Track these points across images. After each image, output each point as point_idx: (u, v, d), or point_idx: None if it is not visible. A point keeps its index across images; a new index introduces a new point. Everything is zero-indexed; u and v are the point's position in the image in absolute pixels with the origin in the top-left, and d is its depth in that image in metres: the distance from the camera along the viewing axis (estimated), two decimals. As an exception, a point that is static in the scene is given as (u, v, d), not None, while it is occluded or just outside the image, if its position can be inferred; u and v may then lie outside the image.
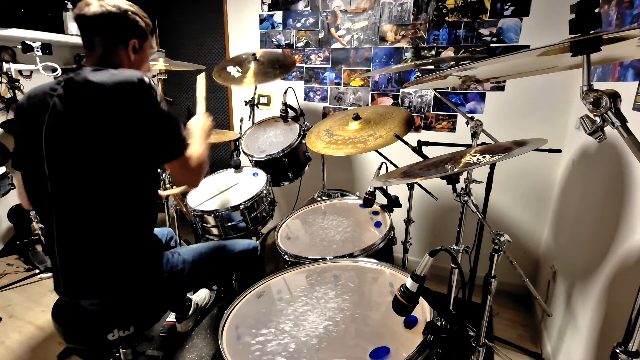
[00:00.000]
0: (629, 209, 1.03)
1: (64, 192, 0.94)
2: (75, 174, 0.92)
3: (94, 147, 0.90)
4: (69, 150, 0.91)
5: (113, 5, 0.97)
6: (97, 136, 0.89)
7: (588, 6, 0.58)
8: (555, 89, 1.85)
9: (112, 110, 0.89)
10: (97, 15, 0.95)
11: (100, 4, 0.95)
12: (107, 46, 0.99)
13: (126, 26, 1.00)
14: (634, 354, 0.62)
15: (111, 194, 0.94)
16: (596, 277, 1.16)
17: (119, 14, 0.97)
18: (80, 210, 0.95)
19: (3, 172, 2.14)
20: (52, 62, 2.13)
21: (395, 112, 1.59)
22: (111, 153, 0.91)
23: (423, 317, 0.87)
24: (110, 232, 0.97)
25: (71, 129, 0.90)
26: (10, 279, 2.28)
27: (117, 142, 0.90)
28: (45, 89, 0.96)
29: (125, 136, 0.90)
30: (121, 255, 1.00)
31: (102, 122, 0.89)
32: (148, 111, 0.92)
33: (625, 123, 0.57)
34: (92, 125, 0.89)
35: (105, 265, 0.99)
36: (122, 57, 1.02)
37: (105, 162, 0.91)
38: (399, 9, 2.12)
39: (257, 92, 2.35)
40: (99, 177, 0.92)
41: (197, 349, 1.60)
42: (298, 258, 1.27)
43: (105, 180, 0.93)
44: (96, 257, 0.98)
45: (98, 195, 0.93)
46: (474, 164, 0.96)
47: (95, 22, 0.96)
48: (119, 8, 0.98)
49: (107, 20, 0.96)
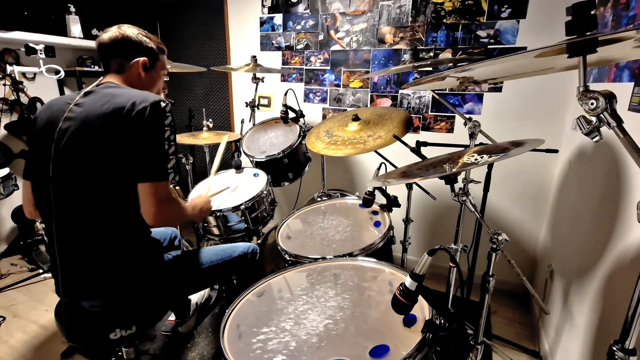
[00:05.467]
0: (625, 208, 1.04)
1: (64, 196, 0.98)
2: (77, 180, 0.96)
3: (97, 156, 0.94)
4: (73, 157, 0.96)
5: (126, 30, 1.09)
6: (100, 145, 0.94)
7: (584, 8, 0.59)
8: (552, 90, 1.87)
9: (125, 124, 0.94)
10: (112, 40, 1.07)
11: (115, 30, 1.08)
12: (119, 65, 1.09)
13: (137, 46, 1.10)
14: (630, 351, 0.63)
15: (109, 200, 0.98)
16: (593, 276, 1.17)
17: (129, 36, 1.09)
18: (79, 215, 0.98)
19: (7, 173, 2.16)
20: (55, 65, 2.14)
21: (394, 113, 1.61)
22: (112, 163, 0.95)
23: (422, 315, 0.88)
24: (108, 236, 1.00)
25: (79, 137, 0.95)
26: (14, 278, 2.29)
27: (114, 154, 0.94)
28: (65, 100, 1.03)
29: (123, 150, 0.94)
30: (119, 258, 1.02)
31: (109, 132, 0.94)
32: (151, 130, 0.97)
33: (621, 123, 0.57)
34: (98, 134, 0.94)
35: (104, 268, 1.01)
36: (134, 73, 1.10)
37: (106, 170, 0.95)
38: (397, 12, 2.13)
39: (258, 94, 2.36)
40: (99, 185, 0.96)
41: (199, 348, 1.62)
42: (298, 257, 1.29)
43: (105, 188, 0.96)
44: (95, 260, 1.00)
45: (97, 201, 0.97)
46: (472, 164, 0.97)
47: (112, 46, 1.08)
48: (132, 32, 1.10)
49: (120, 43, 1.08)
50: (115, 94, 0.98)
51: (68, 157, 0.96)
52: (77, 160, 0.96)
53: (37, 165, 1.02)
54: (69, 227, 1.00)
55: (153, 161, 0.97)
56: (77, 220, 0.99)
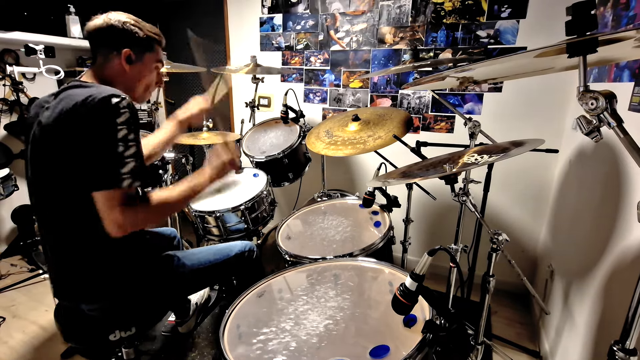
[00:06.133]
0: (625, 207, 1.04)
1: (41, 201, 0.96)
2: (48, 184, 0.92)
3: (56, 162, 0.89)
4: (42, 160, 0.92)
5: (112, 17, 0.99)
6: (63, 150, 0.87)
7: (584, 8, 0.59)
8: (552, 89, 1.87)
9: (75, 126, 0.86)
10: (97, 28, 0.98)
11: (102, 17, 0.99)
12: (104, 57, 1.00)
13: (121, 36, 0.99)
14: (631, 351, 0.63)
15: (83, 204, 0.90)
16: (593, 276, 1.17)
17: (115, 25, 0.99)
18: (56, 219, 0.95)
19: (6, 173, 2.16)
20: (55, 65, 2.14)
21: (394, 113, 1.61)
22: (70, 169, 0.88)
23: (422, 315, 0.88)
24: (91, 239, 0.96)
25: (45, 140, 0.90)
26: (14, 279, 2.29)
27: (71, 160, 0.88)
28: (41, 101, 0.97)
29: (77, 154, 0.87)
30: (111, 261, 1.00)
31: (67, 136, 0.87)
32: (100, 131, 0.86)
33: (621, 123, 0.57)
34: (59, 138, 0.87)
35: (94, 272, 0.99)
36: (116, 67, 1.01)
37: (67, 176, 0.89)
38: (397, 12, 2.13)
39: (258, 94, 2.36)
40: (68, 190, 0.91)
41: (199, 348, 1.61)
42: (298, 258, 1.29)
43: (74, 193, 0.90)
44: (83, 264, 0.98)
45: (71, 204, 0.92)
46: (472, 164, 0.97)
47: (96, 35, 0.99)
48: (118, 20, 0.99)
49: (104, 32, 0.98)
50: (73, 94, 0.88)
51: (36, 161, 0.93)
52: (42, 165, 0.92)
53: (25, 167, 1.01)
54: (50, 231, 0.98)
55: (103, 166, 0.86)
56: (56, 224, 0.96)
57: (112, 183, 0.86)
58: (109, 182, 0.86)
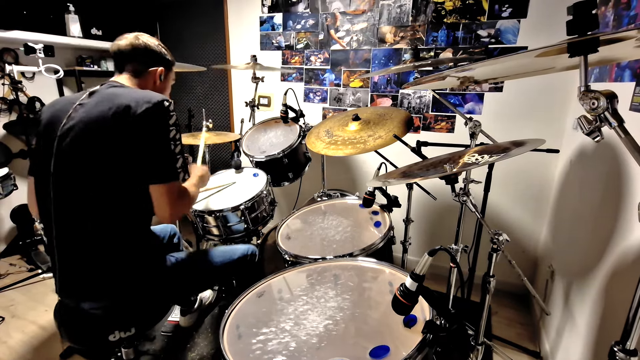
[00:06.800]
0: (626, 208, 1.04)
1: (64, 195, 0.98)
2: (77, 179, 0.96)
3: (99, 157, 0.94)
4: (75, 156, 0.96)
5: (146, 40, 1.14)
6: (103, 146, 0.94)
7: (585, 8, 0.59)
8: (553, 89, 1.86)
9: (124, 125, 0.94)
10: (133, 46, 1.11)
11: (136, 38, 1.12)
12: (136, 69, 1.12)
13: (156, 57, 1.16)
14: (631, 352, 0.63)
15: (110, 200, 0.97)
16: (594, 276, 1.17)
17: (150, 46, 1.14)
18: (78, 214, 0.98)
19: (5, 173, 2.15)
20: (54, 64, 2.14)
21: (395, 113, 1.60)
22: (116, 164, 0.95)
23: (422, 316, 0.88)
24: (108, 236, 1.00)
25: (81, 135, 0.95)
26: (13, 278, 2.29)
27: (119, 155, 0.94)
28: (71, 98, 1.04)
29: (128, 151, 0.94)
30: (120, 259, 1.02)
31: (112, 133, 0.94)
32: (156, 131, 0.97)
33: (622, 123, 0.57)
34: (102, 134, 0.94)
35: (105, 269, 1.01)
36: (150, 80, 1.15)
37: (109, 171, 0.95)
38: (397, 11, 2.13)
39: (258, 94, 2.36)
40: (100, 185, 0.96)
41: (199, 348, 1.61)
42: (298, 258, 1.28)
43: (106, 188, 0.96)
44: (95, 261, 1.00)
45: (97, 200, 0.97)
46: (472, 164, 0.97)
47: (129, 52, 1.11)
48: (152, 43, 1.16)
49: (140, 50, 1.12)
50: (117, 94, 0.98)
51: (69, 156, 0.96)
52: (78, 160, 0.95)
53: (39, 162, 1.02)
54: (68, 227, 0.99)
55: (162, 162, 0.98)
56: (76, 220, 0.98)
57: (170, 177, 0.99)
58: (169, 176, 0.99)
